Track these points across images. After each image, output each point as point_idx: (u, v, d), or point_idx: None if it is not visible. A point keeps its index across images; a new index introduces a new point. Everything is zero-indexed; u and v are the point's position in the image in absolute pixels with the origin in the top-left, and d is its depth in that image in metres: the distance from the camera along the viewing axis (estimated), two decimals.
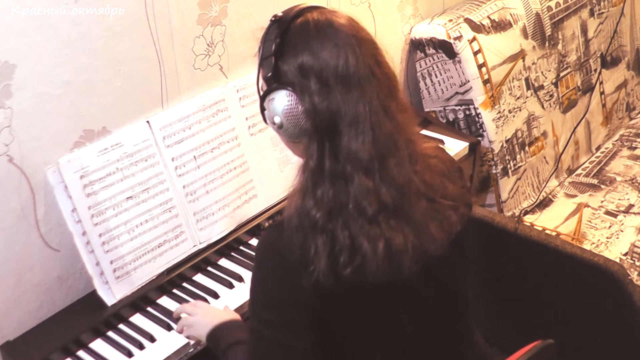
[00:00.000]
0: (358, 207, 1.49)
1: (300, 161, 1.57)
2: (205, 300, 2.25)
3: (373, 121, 1.49)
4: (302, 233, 1.50)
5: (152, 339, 2.13)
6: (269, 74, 1.54)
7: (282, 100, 1.52)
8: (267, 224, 2.56)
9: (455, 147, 3.02)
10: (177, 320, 2.08)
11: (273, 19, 1.58)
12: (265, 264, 1.60)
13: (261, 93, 1.59)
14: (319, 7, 1.59)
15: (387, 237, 1.49)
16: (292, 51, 1.51)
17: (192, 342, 2.08)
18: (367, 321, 1.63)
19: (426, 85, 3.28)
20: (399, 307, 1.64)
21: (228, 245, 2.47)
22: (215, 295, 2.27)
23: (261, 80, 1.59)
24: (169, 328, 2.16)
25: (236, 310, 2.16)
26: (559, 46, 3.55)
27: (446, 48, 3.14)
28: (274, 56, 1.53)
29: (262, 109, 1.59)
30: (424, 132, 3.14)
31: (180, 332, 2.02)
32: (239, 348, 1.77)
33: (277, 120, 1.54)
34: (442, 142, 3.02)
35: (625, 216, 3.24)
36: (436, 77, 3.23)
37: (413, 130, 1.60)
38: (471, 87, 3.14)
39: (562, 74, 3.58)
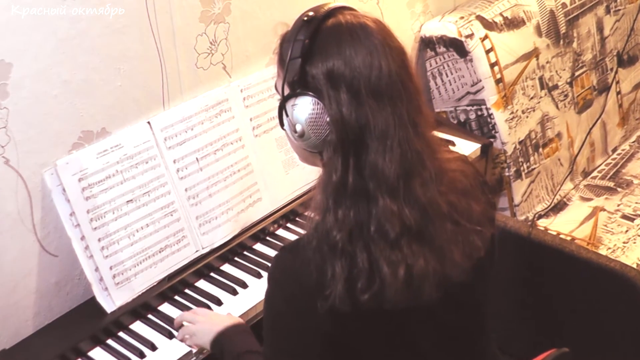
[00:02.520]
0: (380, 230, 1.45)
1: (317, 178, 1.53)
2: (208, 307, 2.24)
3: (401, 137, 1.44)
4: (320, 255, 1.47)
5: (153, 347, 2.12)
6: (295, 78, 1.48)
7: (307, 107, 1.47)
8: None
9: (466, 148, 3.01)
10: (178, 329, 2.08)
11: (304, 18, 1.50)
12: (280, 286, 1.57)
13: (283, 96, 1.53)
14: (352, 9, 1.54)
15: (408, 263, 1.46)
16: (323, 54, 1.45)
17: (194, 349, 2.07)
18: (384, 347, 1.61)
19: (436, 84, 3.27)
20: (418, 333, 1.63)
21: (232, 251, 2.46)
22: (219, 302, 2.26)
23: (284, 83, 1.52)
24: (170, 336, 2.15)
25: (240, 317, 2.14)
26: (574, 44, 3.54)
27: (457, 46, 3.13)
28: (302, 58, 1.46)
29: (281, 114, 1.54)
30: (435, 133, 3.13)
31: (182, 341, 2.02)
32: (253, 358, 1.76)
33: (299, 128, 1.49)
34: (452, 143, 3.01)
35: None
36: (447, 76, 3.22)
37: (437, 146, 1.55)
38: (483, 87, 3.13)
39: (577, 73, 3.57)
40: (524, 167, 3.27)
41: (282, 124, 1.56)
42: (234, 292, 2.30)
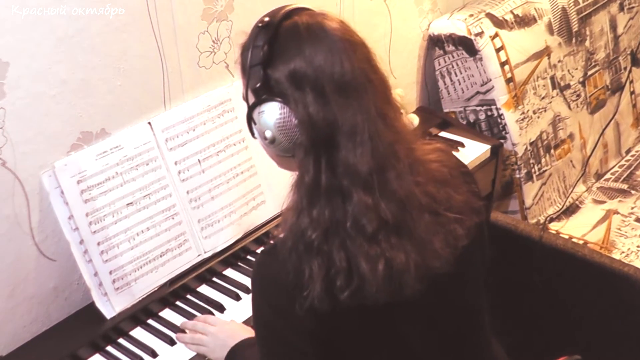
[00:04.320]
0: (356, 225, 1.46)
1: (291, 180, 1.55)
2: (211, 313, 2.24)
3: (372, 131, 1.45)
4: (296, 255, 1.48)
5: (153, 354, 2.12)
6: (258, 85, 1.49)
7: (274, 112, 1.48)
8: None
9: (476, 150, 3.01)
10: (183, 331, 2.11)
11: (259, 24, 1.53)
12: (260, 290, 1.59)
13: (248, 104, 1.54)
14: (307, 9, 1.56)
15: (387, 257, 1.46)
16: (283, 57, 1.47)
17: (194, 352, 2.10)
18: (372, 343, 1.62)
19: (445, 84, 3.27)
20: (405, 327, 1.63)
21: (234, 255, 2.46)
22: (221, 308, 2.26)
23: (247, 91, 1.54)
24: (171, 342, 2.14)
25: (244, 323, 2.15)
26: (587, 43, 3.53)
27: (466, 45, 3.12)
28: (262, 64, 1.48)
29: (250, 122, 1.55)
30: (443, 134, 3.13)
31: (188, 344, 2.07)
32: None
33: (268, 134, 1.50)
34: (462, 144, 3.01)
35: None
36: (456, 75, 3.21)
37: (412, 136, 1.57)
38: (493, 87, 3.13)
39: (589, 73, 3.56)
40: (535, 169, 3.26)
41: (252, 133, 1.58)
42: (237, 298, 2.30)
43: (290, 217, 1.51)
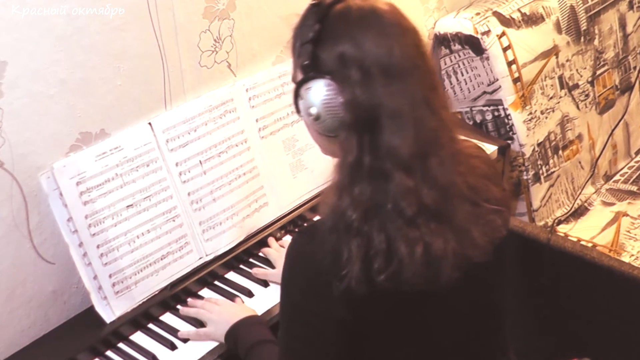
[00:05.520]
0: (396, 207, 1.49)
1: (335, 161, 1.58)
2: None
3: (415, 116, 1.49)
4: (335, 236, 1.51)
5: (154, 359, 2.11)
6: (306, 62, 1.54)
7: (321, 90, 1.52)
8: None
9: None
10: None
11: (313, 3, 1.58)
12: (295, 270, 1.61)
13: (295, 81, 1.59)
14: None
15: (426, 241, 1.49)
16: (333, 39, 1.51)
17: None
18: (399, 332, 1.63)
19: (451, 84, 3.26)
20: (433, 318, 1.65)
21: (237, 258, 2.46)
22: None
23: (296, 68, 1.60)
24: (172, 347, 2.14)
25: None
26: (596, 42, 3.53)
27: (473, 44, 3.12)
28: (312, 43, 1.53)
29: (296, 99, 1.59)
30: None
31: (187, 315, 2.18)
32: (266, 349, 1.85)
33: (313, 111, 1.54)
34: None
35: None
36: (462, 75, 3.21)
37: (455, 127, 1.60)
38: (500, 86, 3.12)
39: (598, 72, 3.56)
40: (543, 170, 3.26)
41: (298, 111, 1.61)
42: (240, 301, 2.29)
43: (332, 197, 1.54)
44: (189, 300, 2.27)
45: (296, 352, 1.65)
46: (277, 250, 2.43)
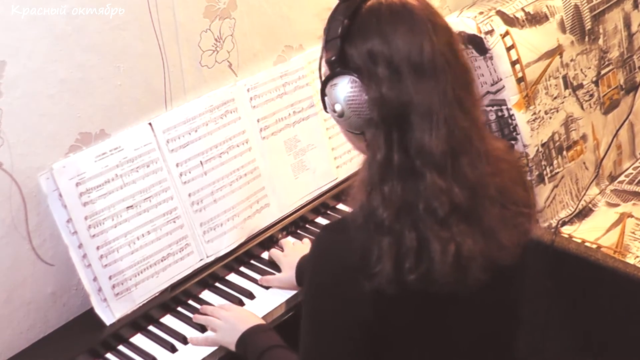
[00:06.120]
0: (428, 207, 1.48)
1: (362, 157, 1.58)
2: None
3: (447, 114, 1.49)
4: (365, 234, 1.51)
5: None
6: (333, 57, 1.54)
7: (346, 86, 1.52)
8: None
9: None
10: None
11: None
12: (321, 266, 1.61)
13: (322, 78, 1.60)
14: None
15: (457, 242, 1.49)
16: (362, 35, 1.51)
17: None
18: (418, 334, 1.64)
19: None
20: (454, 321, 1.65)
21: (238, 259, 2.46)
22: None
23: (324, 64, 1.60)
24: (173, 350, 2.14)
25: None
26: (600, 41, 3.52)
27: (476, 43, 3.11)
28: (341, 38, 1.52)
29: (323, 95, 1.60)
30: None
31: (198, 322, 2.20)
32: (276, 353, 1.87)
33: (338, 108, 1.55)
34: None
35: None
36: None
37: (484, 128, 1.61)
38: (504, 86, 3.11)
39: (603, 72, 3.55)
40: (547, 171, 3.25)
41: (324, 106, 1.62)
42: (240, 304, 2.29)
43: (361, 194, 1.54)
44: (200, 307, 2.27)
45: (317, 347, 1.65)
46: (286, 255, 2.41)
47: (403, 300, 1.52)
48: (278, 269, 2.40)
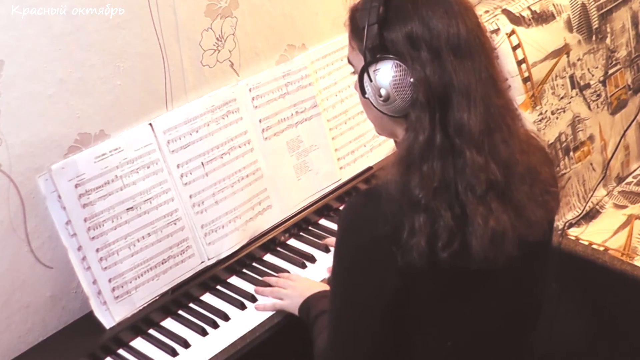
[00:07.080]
0: (467, 184, 1.54)
1: (391, 144, 1.64)
2: (215, 323, 2.22)
3: (483, 93, 1.55)
4: (399, 208, 1.54)
5: None
6: (373, 44, 1.58)
7: (390, 71, 1.57)
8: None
9: None
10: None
11: None
12: (352, 231, 1.65)
13: (359, 64, 1.63)
14: None
15: (496, 217, 1.54)
16: (399, 18, 1.56)
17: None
18: (446, 309, 1.67)
19: None
20: (479, 300, 1.69)
21: (239, 262, 2.45)
22: (226, 317, 2.24)
23: (356, 52, 1.65)
24: (173, 353, 2.14)
25: (249, 333, 2.18)
26: (607, 40, 3.51)
27: None
28: (378, 24, 1.56)
29: (362, 82, 1.63)
30: None
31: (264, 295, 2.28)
32: (324, 319, 1.89)
33: (383, 92, 1.58)
34: None
35: None
36: None
37: (514, 106, 1.67)
38: (510, 86, 3.10)
39: (610, 71, 3.54)
40: None
41: (363, 92, 1.65)
42: (242, 307, 2.29)
43: (396, 174, 1.57)
44: (265, 278, 2.34)
45: (343, 318, 1.69)
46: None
47: (431, 275, 1.56)
48: (279, 272, 2.40)
